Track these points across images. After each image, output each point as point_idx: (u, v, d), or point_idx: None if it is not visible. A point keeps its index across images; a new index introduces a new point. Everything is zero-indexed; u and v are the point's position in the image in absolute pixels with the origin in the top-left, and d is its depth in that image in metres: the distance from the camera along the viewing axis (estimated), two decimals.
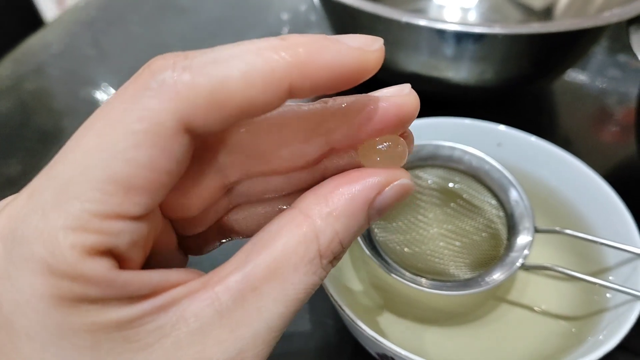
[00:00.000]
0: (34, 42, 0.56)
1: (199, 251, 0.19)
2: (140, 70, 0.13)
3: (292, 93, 0.14)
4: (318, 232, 0.15)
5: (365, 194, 0.15)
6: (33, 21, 0.83)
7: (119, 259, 0.13)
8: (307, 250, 0.15)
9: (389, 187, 0.16)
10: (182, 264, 0.19)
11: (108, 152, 0.13)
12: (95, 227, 0.13)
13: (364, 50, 0.14)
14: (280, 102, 0.14)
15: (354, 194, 0.15)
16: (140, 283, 0.14)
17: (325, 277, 0.16)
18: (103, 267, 0.13)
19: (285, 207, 0.18)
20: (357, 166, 0.17)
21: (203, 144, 0.16)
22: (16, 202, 0.14)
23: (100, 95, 0.50)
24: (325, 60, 0.14)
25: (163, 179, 0.13)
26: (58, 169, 0.13)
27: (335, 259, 0.16)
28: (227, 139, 0.16)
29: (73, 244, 0.12)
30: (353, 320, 0.24)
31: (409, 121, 0.16)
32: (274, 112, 0.16)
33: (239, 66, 0.13)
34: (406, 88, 0.16)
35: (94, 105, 0.49)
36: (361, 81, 0.15)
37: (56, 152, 0.14)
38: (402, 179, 0.16)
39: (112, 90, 0.50)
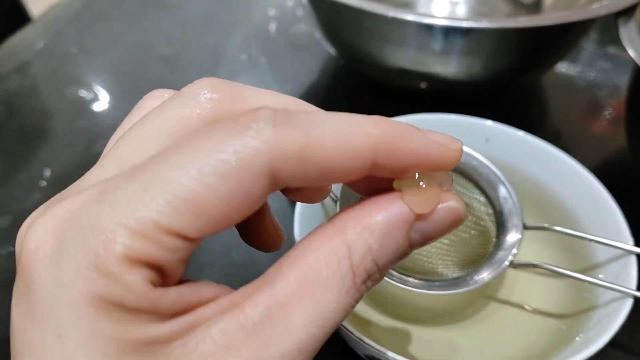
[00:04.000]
0: (16, 40, 0.55)
1: None
2: (245, 114, 0.14)
3: (373, 168, 0.14)
4: (350, 245, 0.14)
5: (404, 213, 0.15)
6: (19, 18, 0.82)
7: (164, 275, 0.13)
8: (339, 266, 0.14)
9: (436, 210, 0.15)
10: None
11: (192, 172, 0.13)
12: (154, 237, 0.13)
13: (447, 146, 0.15)
14: (360, 175, 0.14)
15: (392, 211, 0.15)
16: (174, 299, 0.13)
17: (359, 299, 0.15)
18: (144, 278, 0.13)
19: None
20: None
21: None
22: (80, 196, 0.14)
23: (84, 94, 0.49)
24: (412, 145, 0.14)
25: (232, 214, 0.13)
26: (138, 175, 0.13)
27: (369, 279, 0.15)
28: None
29: (128, 246, 0.12)
30: None
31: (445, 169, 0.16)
32: None
33: (333, 130, 0.14)
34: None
35: (77, 104, 0.48)
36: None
37: (38, 152, 0.14)
38: (450, 202, 0.15)
39: (98, 89, 0.49)
